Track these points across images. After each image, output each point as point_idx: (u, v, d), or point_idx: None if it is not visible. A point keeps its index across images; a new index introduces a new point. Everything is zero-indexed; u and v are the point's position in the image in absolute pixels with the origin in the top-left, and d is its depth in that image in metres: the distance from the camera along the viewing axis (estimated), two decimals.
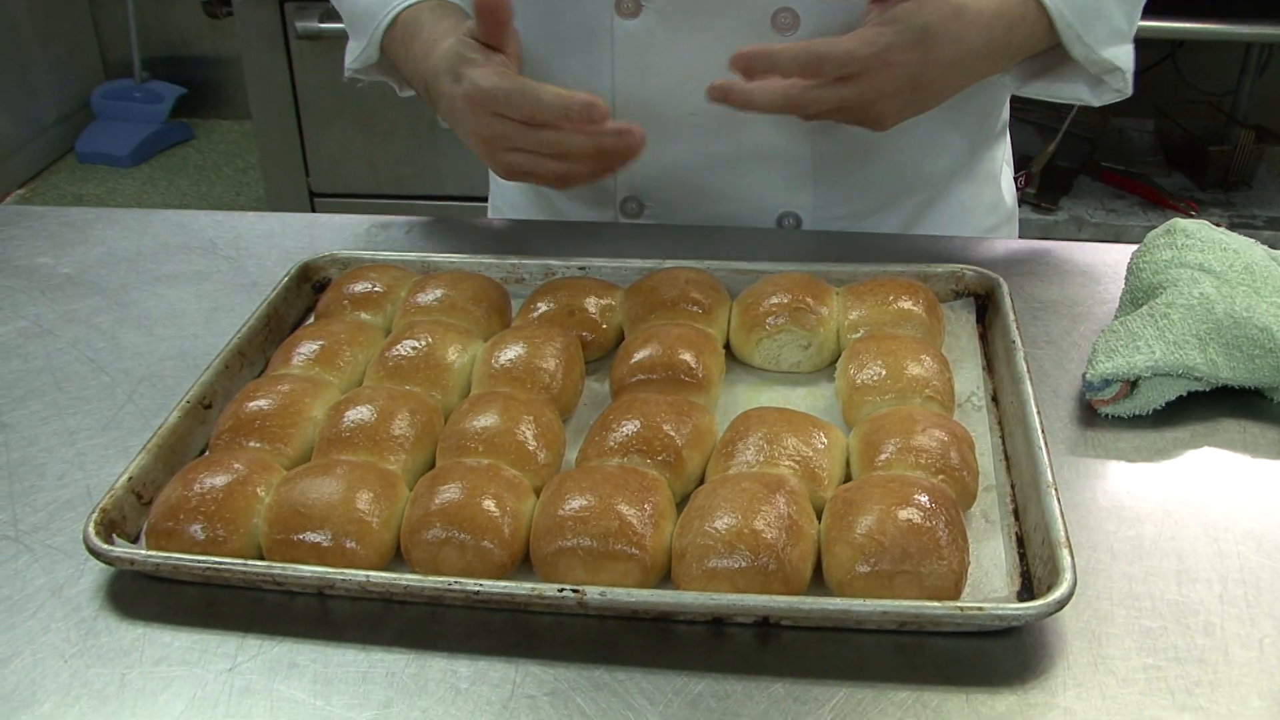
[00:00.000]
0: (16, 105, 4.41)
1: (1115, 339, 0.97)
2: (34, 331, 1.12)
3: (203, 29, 4.64)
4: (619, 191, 1.32)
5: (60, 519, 0.88)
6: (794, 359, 1.01)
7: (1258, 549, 0.81)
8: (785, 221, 1.30)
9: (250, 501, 0.82)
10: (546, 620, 0.77)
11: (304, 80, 3.16)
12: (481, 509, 0.79)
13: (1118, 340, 0.97)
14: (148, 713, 0.72)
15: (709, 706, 0.71)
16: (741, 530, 0.76)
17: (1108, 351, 0.96)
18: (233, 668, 0.75)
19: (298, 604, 0.79)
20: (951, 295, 1.08)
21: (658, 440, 0.86)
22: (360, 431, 0.88)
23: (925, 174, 1.32)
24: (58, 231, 1.32)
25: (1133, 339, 0.96)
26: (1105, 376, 0.94)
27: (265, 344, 1.05)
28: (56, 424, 0.99)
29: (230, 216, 1.34)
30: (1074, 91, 1.19)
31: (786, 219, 1.29)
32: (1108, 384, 0.94)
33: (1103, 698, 0.70)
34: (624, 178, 1.30)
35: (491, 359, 0.96)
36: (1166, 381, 0.94)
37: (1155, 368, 0.93)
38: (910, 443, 0.83)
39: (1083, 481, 0.88)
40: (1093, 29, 1.12)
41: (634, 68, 1.23)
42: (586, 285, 1.07)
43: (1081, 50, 1.12)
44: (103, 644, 0.77)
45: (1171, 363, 0.93)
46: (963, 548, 0.76)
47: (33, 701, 0.73)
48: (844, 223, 1.30)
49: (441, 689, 0.72)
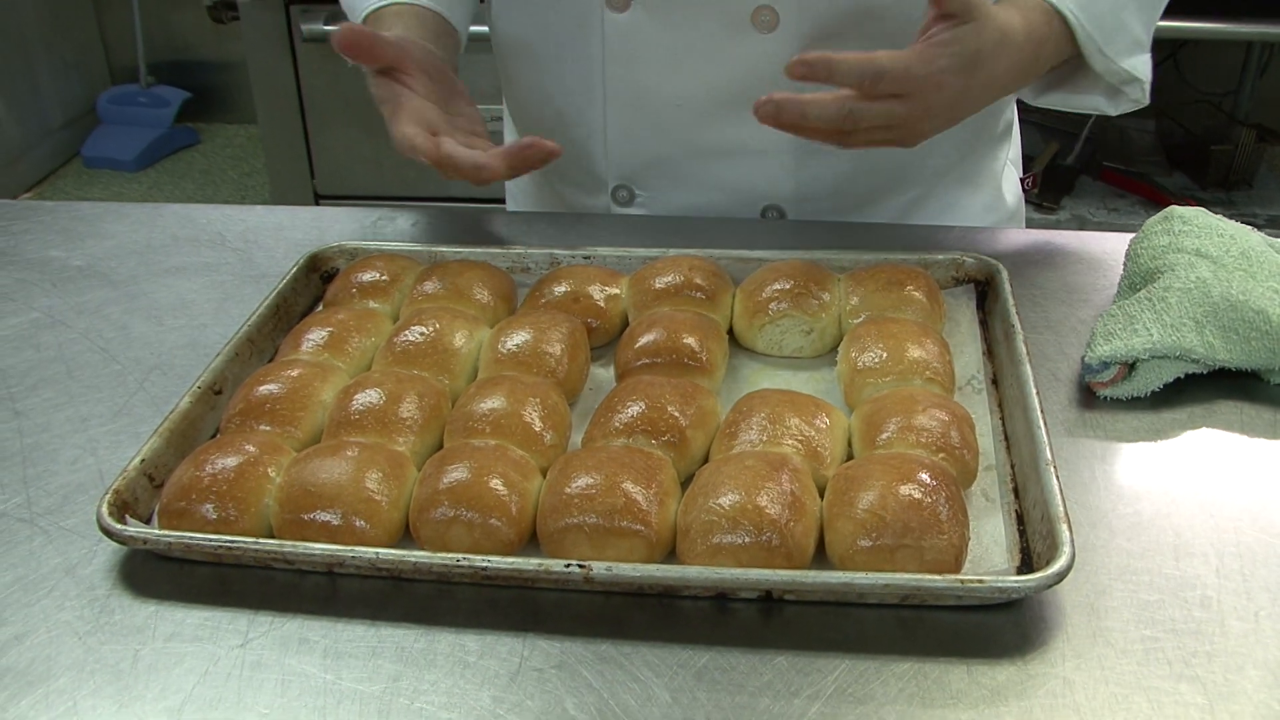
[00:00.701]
0: (23, 110, 4.43)
1: (1113, 322, 0.98)
2: (46, 322, 1.13)
3: (207, 34, 4.65)
4: (610, 180, 1.34)
5: (73, 502, 0.89)
6: (796, 344, 1.02)
7: (1253, 525, 0.82)
8: (769, 213, 1.32)
9: (261, 482, 0.84)
10: (553, 596, 0.78)
11: (309, 83, 3.18)
12: (489, 488, 0.81)
13: (1116, 324, 0.98)
14: (161, 686, 0.73)
15: (714, 678, 0.72)
16: (745, 506, 0.77)
17: (1106, 335, 0.97)
18: (244, 643, 0.76)
19: (308, 582, 0.81)
20: (952, 282, 1.09)
21: (662, 421, 0.87)
22: (369, 414, 0.89)
23: (911, 172, 1.33)
24: (68, 225, 1.33)
25: (1130, 322, 0.97)
26: (1104, 359, 0.95)
27: (274, 332, 1.07)
28: (69, 411, 1.00)
29: (239, 210, 1.36)
30: (1091, 102, 1.20)
31: (770, 211, 1.31)
32: (1106, 366, 0.96)
33: (1101, 668, 0.71)
34: (615, 166, 1.33)
35: (498, 344, 0.98)
36: (1164, 364, 0.96)
37: (1153, 350, 0.94)
38: (911, 422, 0.85)
39: (1081, 461, 0.90)
40: (1113, 40, 1.13)
41: (623, 60, 1.25)
42: (591, 273, 1.08)
43: (1101, 62, 1.13)
44: (116, 621, 0.78)
45: (1169, 345, 0.94)
46: (963, 523, 0.77)
47: (48, 676, 0.74)
48: (828, 216, 1.32)
49: (450, 662, 0.74)
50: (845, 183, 1.31)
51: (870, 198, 1.33)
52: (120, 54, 4.85)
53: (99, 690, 0.73)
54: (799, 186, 1.30)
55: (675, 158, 1.30)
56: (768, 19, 1.19)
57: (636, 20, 1.23)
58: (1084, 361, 0.98)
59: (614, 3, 1.23)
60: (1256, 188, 3.15)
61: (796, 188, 1.30)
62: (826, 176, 1.30)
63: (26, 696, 0.72)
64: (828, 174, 1.30)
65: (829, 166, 1.29)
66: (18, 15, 4.37)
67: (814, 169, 1.29)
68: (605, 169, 1.34)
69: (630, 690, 0.71)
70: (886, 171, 1.32)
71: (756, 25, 1.20)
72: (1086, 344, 0.99)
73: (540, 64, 1.32)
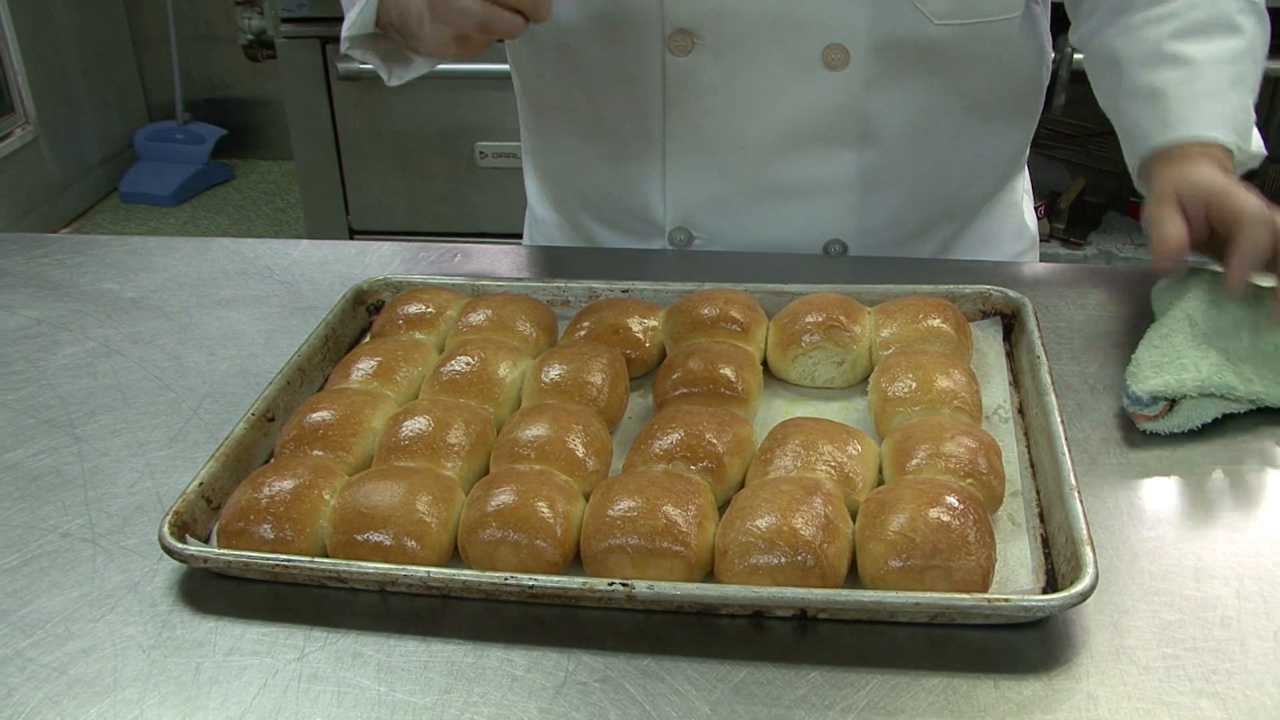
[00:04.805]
0: (64, 147, 4.51)
1: (1159, 354, 1.01)
2: (102, 351, 1.18)
3: (243, 72, 4.74)
4: (668, 223, 1.36)
5: (133, 523, 0.93)
6: (828, 375, 1.05)
7: (1273, 549, 0.85)
8: (832, 248, 1.34)
9: (316, 504, 0.87)
10: (596, 614, 0.82)
11: (344, 120, 3.24)
12: (535, 510, 0.84)
13: (1161, 356, 1.00)
14: (222, 697, 0.76)
15: (751, 692, 0.75)
16: (781, 529, 0.80)
17: (1155, 367, 0.99)
18: (301, 657, 0.79)
19: (360, 600, 0.84)
20: (979, 315, 1.12)
21: (700, 447, 0.90)
22: (418, 440, 0.92)
23: (961, 201, 1.37)
24: (120, 259, 1.38)
25: (1178, 356, 1.00)
26: (1154, 393, 0.97)
27: (324, 362, 1.10)
28: (126, 436, 1.04)
29: (285, 244, 1.40)
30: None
31: (833, 245, 1.34)
32: (1155, 401, 0.97)
33: (1124, 684, 0.74)
34: (673, 209, 1.34)
35: (541, 374, 1.01)
36: (1206, 402, 0.98)
37: (1201, 388, 0.96)
38: (940, 449, 0.88)
39: (1105, 488, 0.92)
40: (1249, 140, 1.16)
41: (685, 103, 1.27)
42: (630, 306, 1.11)
43: (1242, 158, 1.16)
44: (178, 636, 0.82)
45: (1216, 384, 0.97)
46: (990, 545, 0.80)
47: (115, 687, 0.77)
48: (885, 249, 1.35)
49: (499, 676, 0.77)
50: (903, 214, 1.34)
51: (923, 228, 1.37)
52: (158, 91, 4.94)
53: (164, 701, 0.76)
54: (861, 219, 1.33)
55: (736, 198, 1.32)
56: (839, 56, 1.21)
57: (700, 63, 1.24)
58: (1129, 392, 0.99)
59: (677, 47, 1.23)
60: None
61: (859, 221, 1.33)
62: (886, 209, 1.33)
63: (95, 706, 0.76)
64: (887, 207, 1.33)
65: (889, 198, 1.32)
66: (60, 54, 4.46)
67: (876, 201, 1.31)
68: (663, 214, 1.35)
69: (671, 703, 0.74)
70: (939, 201, 1.35)
71: (827, 63, 1.21)
72: (1130, 373, 1.01)
73: (599, 105, 1.32)
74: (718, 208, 1.33)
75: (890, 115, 1.26)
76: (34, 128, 4.35)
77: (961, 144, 1.31)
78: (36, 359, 1.17)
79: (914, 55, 1.22)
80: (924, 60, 1.22)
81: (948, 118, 1.28)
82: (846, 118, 1.24)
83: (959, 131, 1.30)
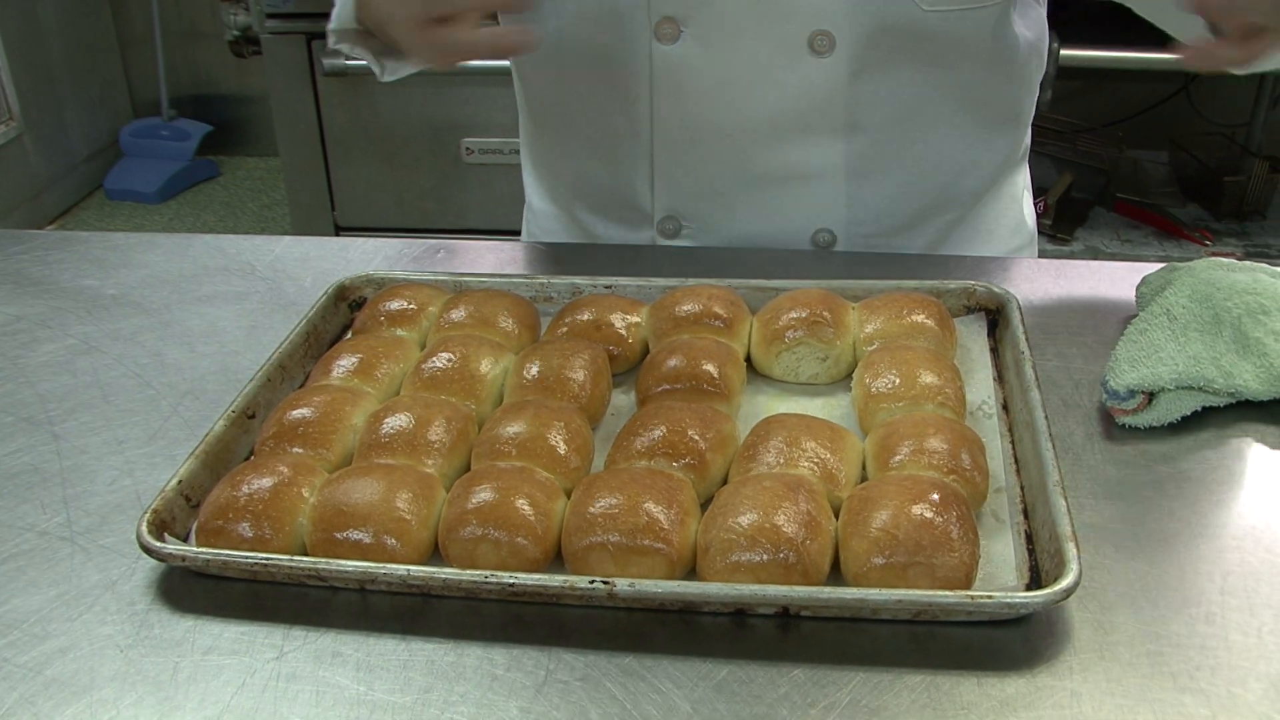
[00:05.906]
0: (48, 143, 4.50)
1: (1137, 349, 1.00)
2: (82, 349, 1.17)
3: (229, 68, 4.72)
4: (656, 212, 1.36)
5: (111, 521, 0.92)
6: (812, 371, 1.05)
7: (1257, 544, 0.85)
8: (820, 238, 1.33)
9: (295, 502, 0.87)
10: (577, 613, 0.81)
11: (330, 116, 3.23)
12: (515, 508, 0.84)
13: (1139, 350, 1.00)
14: (200, 697, 0.76)
15: (733, 690, 0.74)
16: (763, 526, 0.80)
17: (1131, 361, 0.99)
18: (279, 656, 0.79)
19: (339, 599, 0.83)
20: (964, 310, 1.12)
21: (682, 444, 0.90)
22: (399, 437, 0.92)
23: (955, 193, 1.36)
24: (101, 255, 1.37)
25: (1155, 350, 0.99)
26: (1130, 387, 0.97)
27: (305, 359, 1.10)
28: (105, 434, 1.03)
29: (267, 240, 1.39)
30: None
31: (821, 234, 1.33)
32: (1132, 394, 0.97)
33: (1107, 680, 0.74)
34: (661, 198, 1.34)
35: (523, 370, 1.01)
36: (1185, 395, 0.98)
37: (1178, 380, 0.97)
38: (923, 445, 0.87)
39: (1089, 483, 0.92)
40: None
41: (672, 91, 1.26)
42: (612, 302, 1.11)
43: None
44: (155, 635, 0.81)
45: (1193, 376, 0.97)
46: (973, 541, 0.80)
47: (92, 687, 0.77)
48: (875, 241, 1.34)
49: (479, 675, 0.76)
50: (893, 204, 1.33)
51: (916, 220, 1.36)
52: (143, 88, 4.93)
53: (140, 701, 0.76)
54: (850, 209, 1.32)
55: (725, 186, 1.32)
56: (824, 42, 1.20)
57: (687, 51, 1.23)
58: (1107, 386, 0.99)
59: (663, 35, 1.23)
60: (1270, 218, 3.18)
61: (848, 211, 1.32)
62: (875, 199, 1.32)
63: (71, 706, 0.75)
64: (877, 196, 1.32)
65: (879, 188, 1.31)
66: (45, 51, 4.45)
67: (865, 190, 1.31)
68: (650, 202, 1.35)
69: (653, 701, 0.74)
70: (931, 193, 1.34)
71: (813, 49, 1.21)
72: (1109, 367, 1.01)
73: (585, 95, 1.32)
74: (706, 196, 1.33)
75: (878, 103, 1.25)
76: (18, 124, 4.34)
77: (953, 135, 1.30)
78: (15, 356, 1.16)
79: (902, 42, 1.21)
80: (913, 48, 1.22)
81: (938, 108, 1.28)
82: (833, 105, 1.24)
83: (950, 122, 1.29)
